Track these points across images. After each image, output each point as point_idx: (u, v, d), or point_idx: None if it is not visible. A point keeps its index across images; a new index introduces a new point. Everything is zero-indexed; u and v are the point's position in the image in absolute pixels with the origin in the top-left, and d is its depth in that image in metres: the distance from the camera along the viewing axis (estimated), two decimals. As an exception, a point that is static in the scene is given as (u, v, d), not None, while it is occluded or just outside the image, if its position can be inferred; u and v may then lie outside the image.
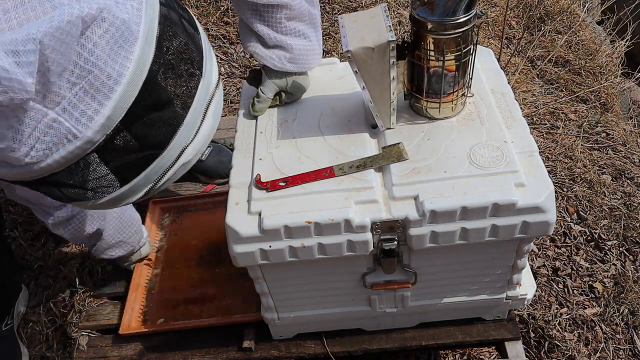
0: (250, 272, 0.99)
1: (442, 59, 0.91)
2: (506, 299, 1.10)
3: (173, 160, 0.60)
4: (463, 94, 1.00)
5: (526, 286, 1.11)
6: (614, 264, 1.61)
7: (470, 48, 0.92)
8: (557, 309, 1.51)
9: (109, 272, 1.46)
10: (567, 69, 2.41)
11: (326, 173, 0.94)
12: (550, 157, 1.90)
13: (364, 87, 0.93)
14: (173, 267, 1.43)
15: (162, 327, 1.28)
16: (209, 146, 1.65)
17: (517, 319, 1.43)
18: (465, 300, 1.09)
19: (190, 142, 0.61)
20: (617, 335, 1.47)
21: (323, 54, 2.38)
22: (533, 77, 2.32)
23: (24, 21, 0.46)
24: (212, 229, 1.50)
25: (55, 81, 0.48)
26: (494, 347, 1.37)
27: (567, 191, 1.79)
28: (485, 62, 1.12)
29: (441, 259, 0.98)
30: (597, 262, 1.62)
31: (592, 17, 2.90)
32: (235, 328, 1.23)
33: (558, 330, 1.46)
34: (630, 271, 1.59)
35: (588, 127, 2.06)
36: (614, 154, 1.97)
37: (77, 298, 1.41)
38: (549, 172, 0.96)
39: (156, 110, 0.56)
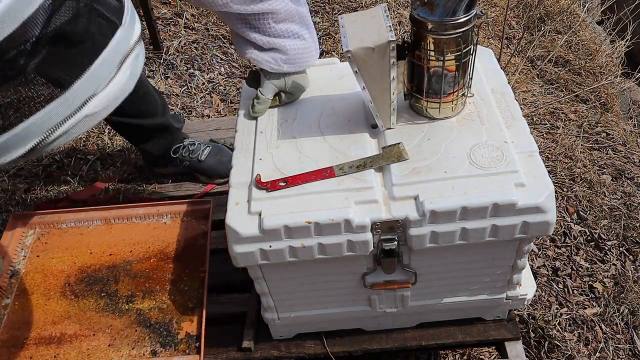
0: (251, 272, 0.99)
1: (442, 59, 0.91)
2: (506, 299, 1.10)
3: (75, 108, 0.54)
4: (463, 94, 1.00)
5: (526, 286, 1.11)
6: (614, 264, 1.61)
7: (470, 48, 0.92)
8: (557, 309, 1.51)
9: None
10: (567, 69, 2.41)
11: (326, 173, 0.94)
12: (550, 157, 1.90)
13: (364, 87, 0.93)
14: (29, 296, 1.19)
15: None
16: (208, 146, 1.65)
17: (517, 319, 1.43)
18: (465, 300, 1.09)
19: (98, 92, 0.55)
20: (617, 335, 1.47)
21: (323, 54, 2.38)
22: (533, 77, 2.32)
23: None
24: (84, 251, 1.28)
25: None
26: (494, 347, 1.37)
27: (567, 191, 1.79)
28: (485, 62, 1.12)
29: (441, 259, 0.98)
30: (597, 262, 1.62)
31: (592, 17, 2.90)
32: (234, 328, 1.23)
33: (558, 330, 1.46)
34: (630, 271, 1.59)
35: (588, 127, 2.06)
36: (614, 154, 1.97)
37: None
38: (549, 172, 0.96)
39: (63, 43, 0.51)
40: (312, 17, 1.09)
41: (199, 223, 1.34)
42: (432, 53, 0.91)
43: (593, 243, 1.67)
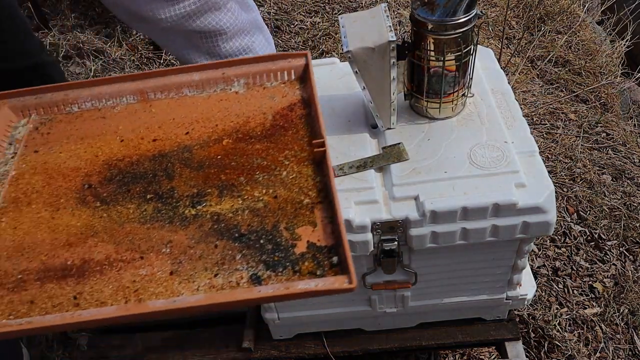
0: (251, 272, 0.99)
1: (442, 59, 0.91)
2: (506, 299, 1.10)
3: None
4: (463, 94, 1.00)
5: (526, 286, 1.11)
6: (614, 264, 1.61)
7: (470, 48, 0.92)
8: (557, 309, 1.51)
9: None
10: (567, 69, 2.41)
11: (326, 173, 0.94)
12: (550, 157, 1.90)
13: (364, 88, 0.93)
14: (23, 209, 0.79)
15: None
16: None
17: (517, 319, 1.43)
18: (465, 300, 1.09)
19: None
20: (617, 335, 1.47)
21: (323, 54, 2.36)
22: (533, 77, 2.32)
23: None
24: (111, 139, 0.87)
25: None
26: (494, 347, 1.37)
27: (567, 191, 1.79)
28: (485, 62, 1.12)
29: (441, 259, 0.98)
30: (597, 262, 1.62)
31: (592, 17, 2.90)
32: (234, 328, 1.23)
33: (558, 330, 1.46)
34: (630, 271, 1.59)
35: (588, 127, 2.06)
36: (614, 154, 1.97)
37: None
38: (549, 172, 0.96)
39: None
40: (312, 17, 1.07)
41: (291, 87, 0.91)
42: (432, 53, 0.91)
43: (593, 243, 1.67)
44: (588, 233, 1.69)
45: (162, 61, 2.27)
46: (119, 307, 0.64)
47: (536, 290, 1.47)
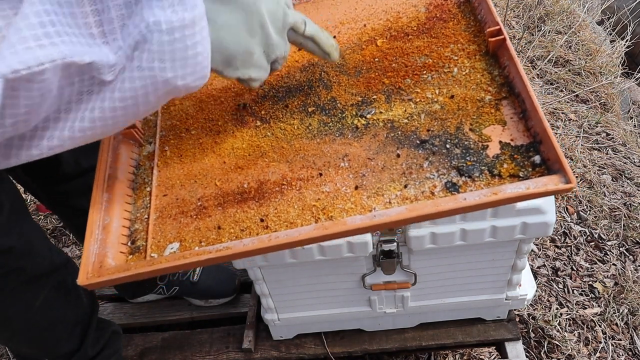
0: (250, 273, 0.99)
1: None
2: (506, 299, 1.10)
3: None
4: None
5: (526, 286, 1.11)
6: (614, 264, 1.61)
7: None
8: (557, 309, 1.51)
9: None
10: (567, 69, 2.41)
11: (326, 174, 0.93)
12: (550, 157, 1.90)
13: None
14: (182, 135, 0.76)
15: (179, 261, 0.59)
16: None
17: (517, 319, 1.43)
18: (465, 300, 1.09)
19: None
20: (617, 335, 1.47)
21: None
22: (533, 77, 2.32)
23: None
24: None
25: None
26: (494, 347, 1.37)
27: (567, 191, 1.79)
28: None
29: (441, 259, 0.99)
30: (597, 262, 1.62)
31: (592, 17, 2.90)
32: (234, 328, 1.23)
33: (558, 330, 1.46)
34: (630, 271, 1.59)
35: (588, 127, 2.07)
36: (614, 154, 1.97)
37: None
38: (548, 172, 0.96)
39: None
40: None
41: None
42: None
43: (593, 243, 1.67)
44: (588, 233, 1.69)
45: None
46: (318, 227, 0.58)
47: (536, 290, 1.47)
